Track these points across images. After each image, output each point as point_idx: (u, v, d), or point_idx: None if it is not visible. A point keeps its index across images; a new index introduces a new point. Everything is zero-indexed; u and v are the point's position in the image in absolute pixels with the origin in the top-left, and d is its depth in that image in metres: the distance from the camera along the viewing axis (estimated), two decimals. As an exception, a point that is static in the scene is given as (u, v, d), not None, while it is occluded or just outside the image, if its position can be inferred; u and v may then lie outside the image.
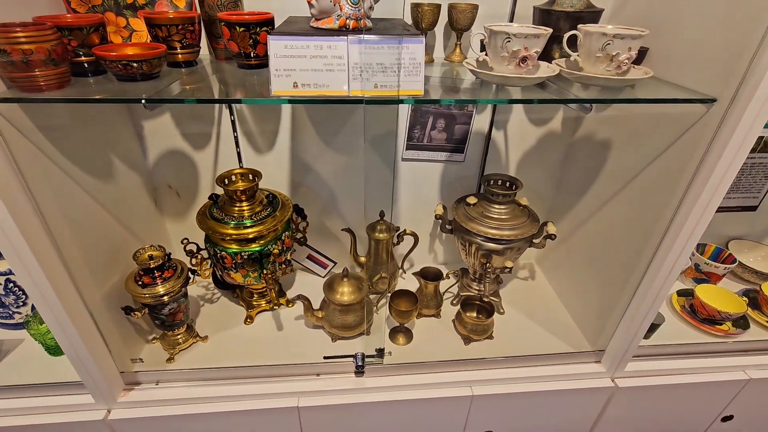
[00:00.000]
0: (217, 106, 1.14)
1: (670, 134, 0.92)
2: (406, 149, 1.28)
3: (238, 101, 1.05)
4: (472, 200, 1.23)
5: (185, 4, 0.96)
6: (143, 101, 0.71)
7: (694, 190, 0.88)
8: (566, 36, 0.86)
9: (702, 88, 0.84)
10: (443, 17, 1.04)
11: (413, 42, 0.74)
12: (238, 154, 1.24)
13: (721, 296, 1.31)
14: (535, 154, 1.33)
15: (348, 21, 0.79)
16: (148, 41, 0.92)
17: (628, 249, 1.06)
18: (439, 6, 0.99)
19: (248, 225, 1.09)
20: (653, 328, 1.20)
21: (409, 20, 1.03)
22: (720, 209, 1.48)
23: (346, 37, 0.73)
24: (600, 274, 1.19)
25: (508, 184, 1.23)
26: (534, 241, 1.24)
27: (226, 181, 1.13)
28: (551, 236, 1.21)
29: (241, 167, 1.21)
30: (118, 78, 0.79)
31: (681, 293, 1.39)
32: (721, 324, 1.26)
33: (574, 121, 1.27)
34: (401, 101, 0.77)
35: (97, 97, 0.75)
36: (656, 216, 0.96)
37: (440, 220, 1.27)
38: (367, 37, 0.73)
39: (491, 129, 1.27)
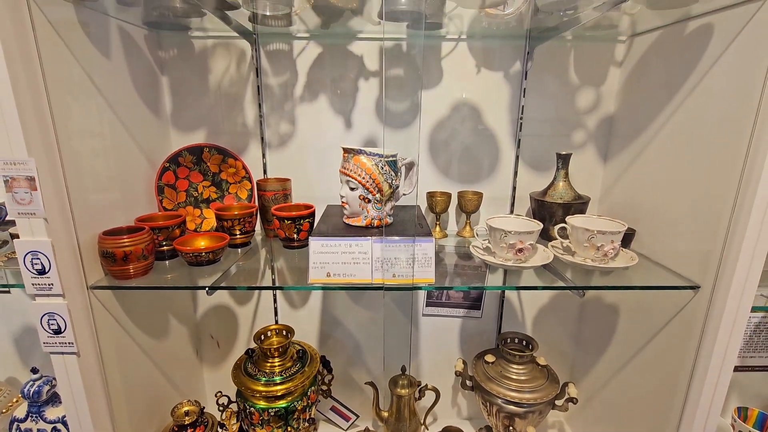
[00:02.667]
0: (260, 269, 1.33)
1: (667, 310, 0.99)
2: (426, 306, 1.40)
3: (281, 288, 1.24)
4: (490, 358, 1.27)
5: (247, 196, 1.22)
6: (207, 289, 0.88)
7: (702, 358, 0.91)
8: (556, 228, 1.01)
9: (687, 272, 0.94)
10: (454, 201, 1.24)
11: (425, 241, 0.91)
12: (275, 309, 1.39)
13: (776, 475, 1.19)
14: (550, 311, 1.41)
15: (373, 221, 0.99)
16: (214, 226, 1.16)
17: (654, 414, 1.04)
18: (449, 195, 1.21)
19: (278, 382, 1.17)
20: None
21: (424, 205, 1.24)
22: (754, 368, 1.44)
23: (370, 238, 0.91)
24: (632, 441, 1.14)
25: (524, 342, 1.29)
26: (556, 403, 1.23)
27: (262, 337, 1.25)
28: (573, 399, 1.21)
29: (276, 323, 1.35)
30: (189, 263, 0.99)
31: (731, 467, 1.28)
32: None
33: (586, 277, 1.37)
34: (415, 288, 0.91)
35: (172, 285, 0.94)
36: (673, 381, 0.97)
37: (460, 377, 1.30)
38: (387, 237, 0.90)
39: (505, 283, 1.37)
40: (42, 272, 0.80)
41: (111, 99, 0.96)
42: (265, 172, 1.26)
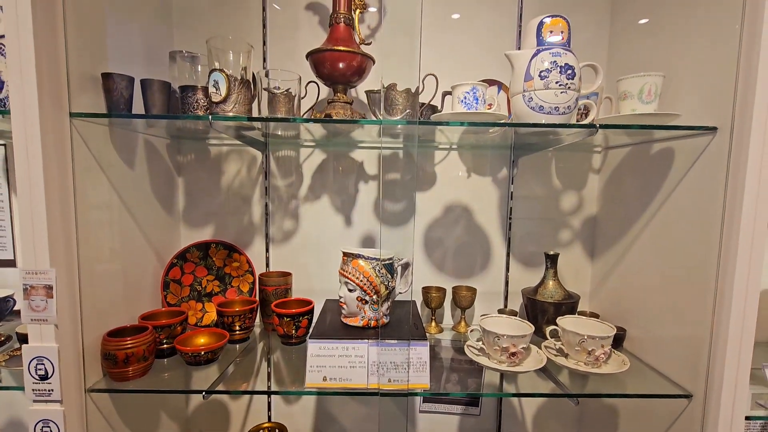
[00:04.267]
0: (257, 364, 1.33)
1: (665, 416, 0.98)
2: (423, 401, 1.37)
3: (276, 393, 1.23)
4: (490, 463, 1.22)
5: (248, 289, 1.26)
6: (203, 394, 0.89)
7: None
8: (548, 330, 1.04)
9: (679, 378, 0.95)
10: (449, 296, 1.28)
11: (420, 344, 0.93)
12: (269, 404, 1.36)
13: None
14: (549, 411, 1.37)
15: (370, 321, 1.02)
16: (215, 320, 1.18)
17: None
18: (444, 290, 1.25)
19: (268, 489, 1.12)
20: None
21: (419, 299, 1.28)
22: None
23: (366, 341, 0.93)
24: None
25: (524, 445, 1.25)
26: None
27: (254, 437, 1.21)
28: None
29: (269, 420, 1.31)
30: (188, 363, 1.00)
31: None
32: None
33: (580, 380, 1.36)
34: (410, 394, 0.92)
35: (168, 389, 0.94)
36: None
37: (460, 483, 1.24)
38: (383, 341, 0.93)
39: (502, 385, 1.36)
40: (44, 377, 0.82)
41: (130, 204, 1.05)
42: (267, 265, 1.31)
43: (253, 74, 0.99)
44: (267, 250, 1.31)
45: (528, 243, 1.31)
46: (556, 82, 0.85)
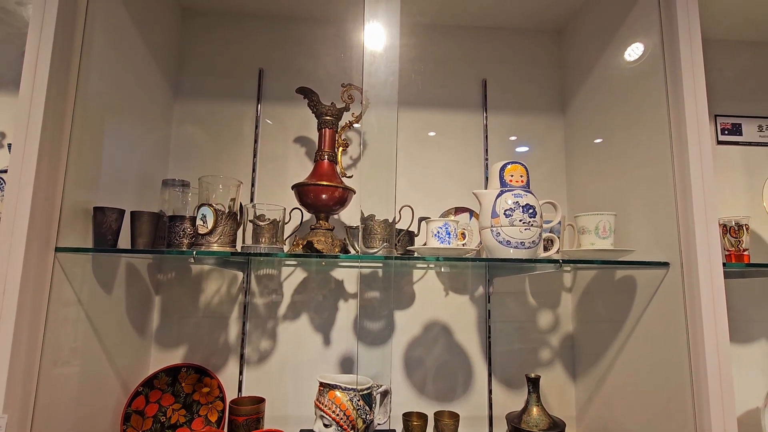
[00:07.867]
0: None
1: None
2: None
3: None
4: None
5: (217, 418, 1.18)
6: None
7: None
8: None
9: None
10: (431, 422, 1.22)
11: (399, 491, 0.86)
12: None
13: None
14: None
15: (346, 462, 0.95)
16: (177, 459, 1.08)
17: None
18: (426, 417, 1.19)
19: None
20: None
21: (399, 427, 1.21)
22: None
23: (342, 489, 0.86)
24: None
25: None
26: None
27: None
28: None
29: None
30: None
31: None
32: None
33: None
34: None
35: None
36: None
37: None
38: (359, 488, 0.86)
39: None
40: None
41: (102, 332, 1.02)
42: (240, 390, 1.25)
43: (241, 205, 1.05)
44: (241, 373, 1.25)
45: (509, 362, 1.29)
46: (520, 220, 0.93)
